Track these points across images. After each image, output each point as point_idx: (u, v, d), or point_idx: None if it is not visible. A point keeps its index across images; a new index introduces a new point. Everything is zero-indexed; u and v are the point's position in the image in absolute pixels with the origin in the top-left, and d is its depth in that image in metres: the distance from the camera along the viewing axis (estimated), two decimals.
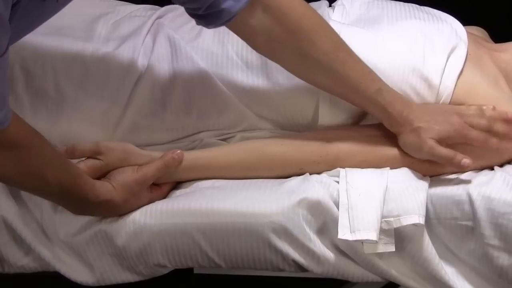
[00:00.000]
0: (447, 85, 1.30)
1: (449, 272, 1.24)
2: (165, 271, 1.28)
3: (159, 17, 1.43)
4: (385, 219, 1.21)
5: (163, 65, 1.34)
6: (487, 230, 1.20)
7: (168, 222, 1.23)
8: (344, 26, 1.35)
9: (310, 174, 1.28)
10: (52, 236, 1.27)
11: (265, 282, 1.42)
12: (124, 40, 1.36)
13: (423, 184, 1.24)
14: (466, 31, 1.38)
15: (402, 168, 1.27)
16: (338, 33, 1.31)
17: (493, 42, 1.48)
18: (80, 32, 1.37)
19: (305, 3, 1.25)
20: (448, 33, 1.35)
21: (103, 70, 1.32)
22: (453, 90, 1.30)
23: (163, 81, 1.33)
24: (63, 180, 1.17)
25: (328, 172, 1.28)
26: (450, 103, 1.30)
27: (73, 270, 1.27)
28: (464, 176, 1.26)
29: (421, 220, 1.20)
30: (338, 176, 1.26)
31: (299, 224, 1.22)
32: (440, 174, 1.28)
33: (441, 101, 1.30)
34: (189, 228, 1.23)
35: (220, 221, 1.23)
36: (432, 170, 1.28)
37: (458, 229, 1.23)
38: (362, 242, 1.21)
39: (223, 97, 1.33)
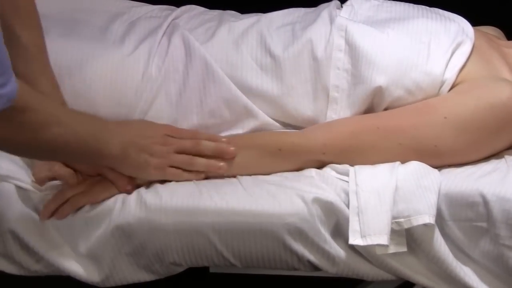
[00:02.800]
0: (447, 77, 1.31)
1: (465, 270, 1.24)
2: (180, 270, 1.29)
3: (175, 18, 1.43)
4: (396, 220, 1.21)
5: (177, 67, 1.35)
6: (503, 231, 1.20)
7: (183, 220, 1.24)
8: (350, 22, 1.36)
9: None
10: (67, 243, 1.28)
11: (280, 281, 1.42)
12: (141, 42, 1.36)
13: (434, 183, 1.23)
14: (478, 29, 1.40)
15: (411, 163, 1.27)
16: (344, 28, 1.34)
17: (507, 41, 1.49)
18: (96, 34, 1.38)
19: None
20: (455, 31, 1.36)
21: (120, 73, 1.33)
22: (453, 82, 1.31)
23: (178, 82, 1.34)
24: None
25: (337, 169, 1.29)
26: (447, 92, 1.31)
27: (87, 272, 1.27)
28: (477, 174, 1.25)
29: (432, 220, 1.20)
30: (347, 175, 1.26)
31: (314, 226, 1.23)
32: (448, 166, 1.29)
33: (440, 92, 1.31)
34: (204, 228, 1.24)
35: (235, 221, 1.23)
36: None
37: (472, 230, 1.22)
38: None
39: (236, 98, 1.33)
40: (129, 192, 1.27)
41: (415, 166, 1.27)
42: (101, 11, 1.43)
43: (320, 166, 1.31)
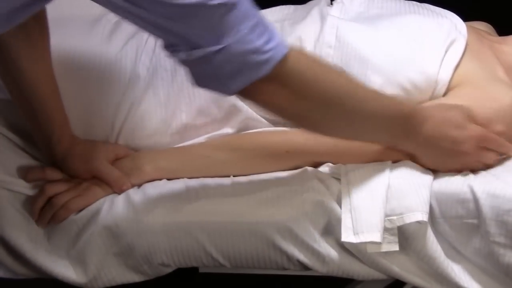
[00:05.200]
0: (442, 77, 1.30)
1: (455, 269, 1.23)
2: (169, 270, 1.28)
3: None
4: (388, 218, 1.20)
5: (165, 65, 1.33)
6: (493, 228, 1.19)
7: (172, 221, 1.23)
8: (342, 21, 1.35)
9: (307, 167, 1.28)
10: (54, 245, 1.27)
11: (270, 280, 1.41)
12: (127, 41, 1.35)
13: (426, 181, 1.23)
14: (470, 25, 1.39)
15: (404, 162, 1.26)
16: (336, 28, 1.33)
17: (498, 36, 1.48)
18: (82, 33, 1.36)
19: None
20: (448, 28, 1.35)
21: (107, 72, 1.32)
22: (449, 81, 1.30)
23: (166, 81, 1.33)
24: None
25: (330, 167, 1.28)
26: (444, 93, 1.30)
27: (74, 273, 1.26)
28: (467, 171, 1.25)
29: (424, 218, 1.19)
30: (339, 174, 1.25)
31: (304, 225, 1.22)
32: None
33: (435, 92, 1.30)
34: (193, 228, 1.23)
35: (224, 221, 1.23)
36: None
37: (463, 228, 1.22)
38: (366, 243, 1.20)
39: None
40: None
41: (407, 164, 1.26)
42: (87, 10, 1.41)
43: (317, 164, 1.30)
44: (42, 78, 1.26)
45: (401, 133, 1.21)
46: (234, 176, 1.29)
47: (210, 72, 1.06)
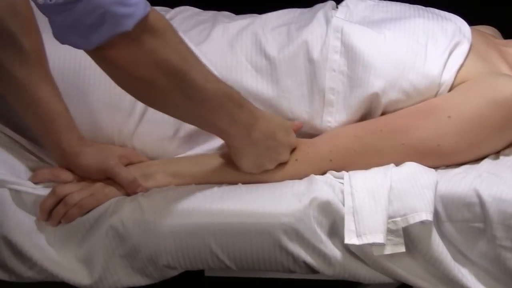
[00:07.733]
0: (446, 79, 1.30)
1: (462, 272, 1.23)
2: (174, 273, 1.28)
3: (169, 20, 1.42)
4: (392, 219, 1.20)
5: None
6: (499, 232, 1.19)
7: (178, 222, 1.23)
8: (347, 22, 1.35)
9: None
10: (60, 247, 1.27)
11: (276, 284, 1.41)
12: None
13: (430, 182, 1.23)
14: (475, 29, 1.39)
15: (406, 164, 1.26)
16: (340, 31, 1.33)
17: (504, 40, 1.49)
18: None
19: None
20: (452, 31, 1.35)
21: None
22: (452, 82, 1.30)
23: None
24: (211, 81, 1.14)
25: (333, 173, 1.28)
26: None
27: (80, 275, 1.26)
28: (473, 174, 1.24)
29: (429, 217, 1.19)
30: (343, 178, 1.26)
31: (310, 226, 1.22)
32: (446, 165, 1.29)
33: (438, 94, 1.30)
34: (199, 229, 1.23)
35: (231, 221, 1.23)
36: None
37: (469, 231, 1.22)
38: (370, 245, 1.20)
39: None
40: None
41: (410, 166, 1.26)
42: None
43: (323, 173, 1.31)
44: (39, 83, 1.26)
45: (240, 121, 1.21)
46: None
47: (70, 22, 1.01)
